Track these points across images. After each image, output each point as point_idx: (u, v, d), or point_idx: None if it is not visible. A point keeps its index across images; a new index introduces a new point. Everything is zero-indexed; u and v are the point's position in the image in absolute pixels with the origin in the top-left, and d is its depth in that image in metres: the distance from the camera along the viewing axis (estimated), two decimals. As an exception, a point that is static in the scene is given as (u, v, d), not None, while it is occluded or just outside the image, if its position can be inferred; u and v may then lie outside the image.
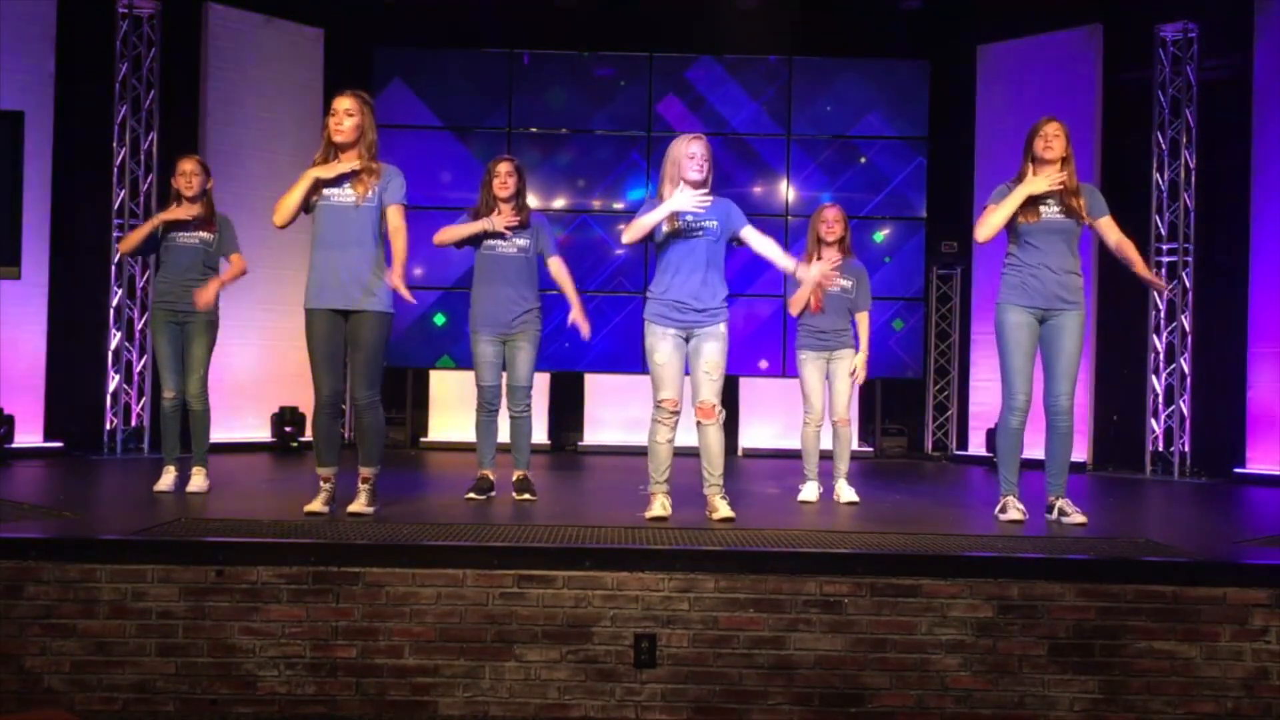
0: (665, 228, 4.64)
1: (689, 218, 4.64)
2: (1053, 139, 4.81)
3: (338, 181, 4.54)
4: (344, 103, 4.54)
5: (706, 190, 4.69)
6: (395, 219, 4.61)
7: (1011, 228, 4.85)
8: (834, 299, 5.65)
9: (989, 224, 4.82)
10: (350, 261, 4.52)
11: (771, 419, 9.33)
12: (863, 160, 9.59)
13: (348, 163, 4.52)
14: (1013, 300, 4.85)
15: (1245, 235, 7.98)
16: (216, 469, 5.84)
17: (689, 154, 4.62)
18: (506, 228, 5.28)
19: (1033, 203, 4.78)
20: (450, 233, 5.33)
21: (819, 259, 5.63)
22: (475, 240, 5.34)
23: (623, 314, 9.45)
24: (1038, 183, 4.76)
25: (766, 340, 9.50)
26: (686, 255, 4.65)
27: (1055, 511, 4.89)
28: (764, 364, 9.47)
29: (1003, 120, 8.75)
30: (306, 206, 4.57)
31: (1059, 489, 4.93)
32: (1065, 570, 3.79)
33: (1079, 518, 4.81)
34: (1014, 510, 4.87)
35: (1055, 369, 4.85)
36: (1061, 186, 4.76)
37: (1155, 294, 8.40)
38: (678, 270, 4.65)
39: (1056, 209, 4.80)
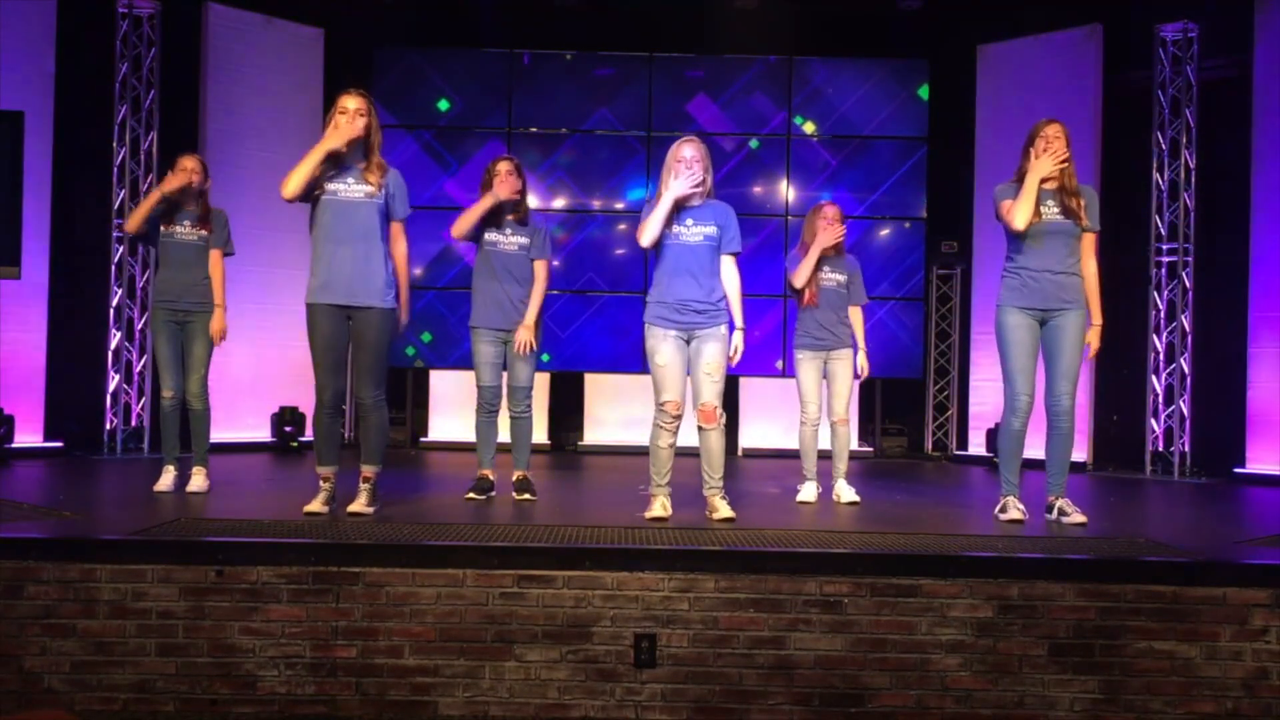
0: (669, 227, 4.66)
1: (689, 220, 4.66)
2: (1053, 140, 4.82)
3: (344, 174, 4.53)
4: (354, 101, 4.54)
5: (705, 191, 4.72)
6: (401, 239, 4.69)
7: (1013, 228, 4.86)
8: (830, 293, 5.67)
9: (1020, 213, 4.77)
10: (357, 256, 4.52)
11: (771, 419, 9.33)
12: (862, 160, 9.58)
13: (354, 131, 4.49)
14: (1013, 302, 4.86)
15: (1245, 235, 7.98)
16: (216, 469, 5.84)
17: (679, 158, 4.65)
18: (512, 194, 5.28)
19: (1035, 203, 4.79)
20: (463, 221, 5.32)
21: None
22: (480, 234, 5.35)
23: (623, 314, 9.45)
24: (1044, 164, 4.76)
25: (766, 339, 9.50)
26: (686, 258, 4.66)
27: (1055, 511, 4.90)
28: (780, 364, 9.47)
29: (1003, 120, 8.76)
30: (309, 196, 4.56)
31: (1059, 489, 4.93)
32: (1065, 570, 3.79)
33: (1079, 518, 4.82)
34: (1014, 510, 4.87)
35: (1056, 369, 4.86)
36: (1065, 163, 4.77)
37: (1155, 294, 8.40)
38: (677, 273, 4.66)
39: (1056, 210, 4.81)
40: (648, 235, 4.64)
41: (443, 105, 9.53)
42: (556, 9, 9.27)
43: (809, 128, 9.61)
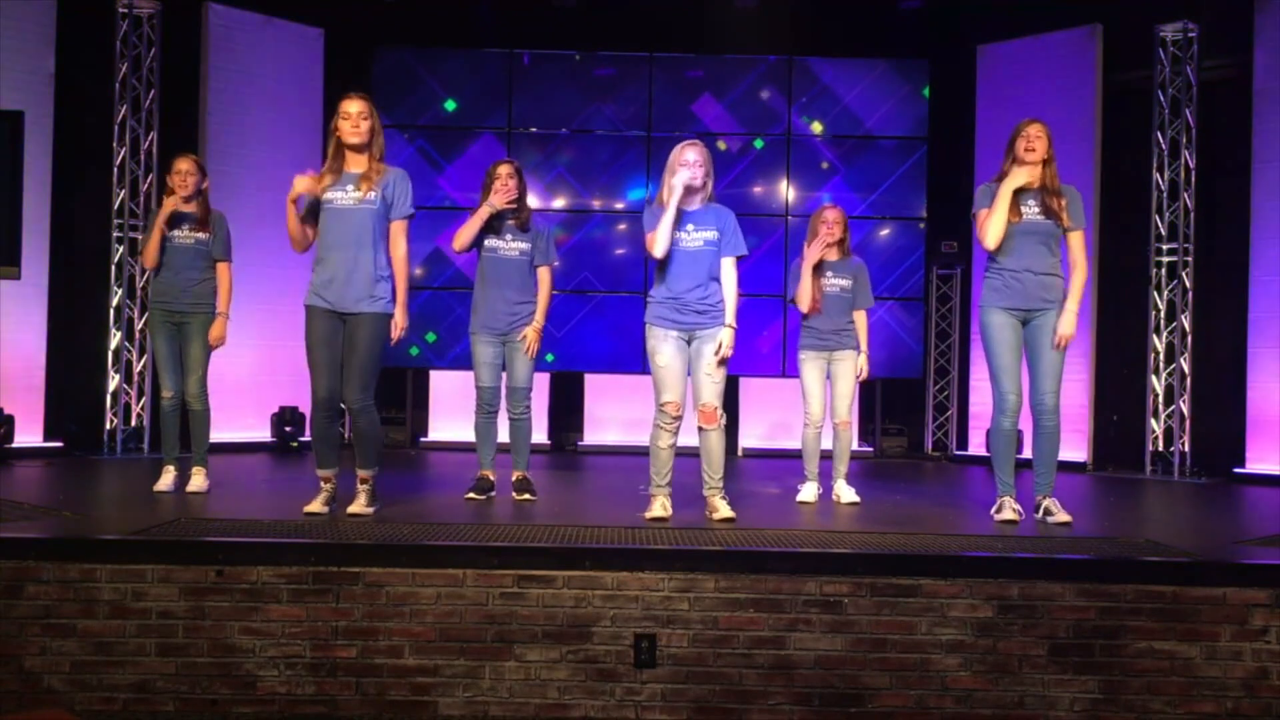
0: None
1: (690, 225, 4.66)
2: (1035, 140, 4.83)
3: (343, 181, 4.55)
4: (356, 105, 4.55)
5: (706, 195, 4.72)
6: (399, 239, 4.66)
7: None
8: (833, 299, 5.66)
9: (991, 231, 4.81)
10: (347, 262, 4.53)
11: (771, 419, 9.33)
12: (862, 160, 9.58)
13: (310, 182, 4.55)
14: (995, 303, 4.88)
15: (1245, 235, 7.98)
16: (216, 469, 5.84)
17: (683, 161, 4.64)
18: (507, 204, 5.27)
19: (1014, 203, 4.79)
20: (464, 234, 5.31)
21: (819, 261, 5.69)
22: (480, 240, 5.35)
23: (623, 314, 9.45)
24: (1018, 175, 4.78)
25: (767, 340, 9.50)
26: (687, 261, 4.67)
27: (1041, 511, 4.90)
28: (781, 365, 9.46)
29: (1003, 120, 8.70)
30: (312, 211, 4.59)
31: (1046, 488, 4.93)
32: (1065, 570, 3.80)
33: (1063, 517, 4.82)
34: (1009, 510, 4.87)
35: (1039, 369, 4.87)
36: (1040, 164, 4.79)
37: (1155, 294, 8.40)
38: (679, 274, 4.67)
39: (1037, 210, 4.82)
40: (660, 246, 4.62)
41: (449, 105, 9.53)
42: (556, 9, 9.27)
43: (816, 127, 9.60)
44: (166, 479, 5.46)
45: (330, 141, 4.61)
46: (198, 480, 5.44)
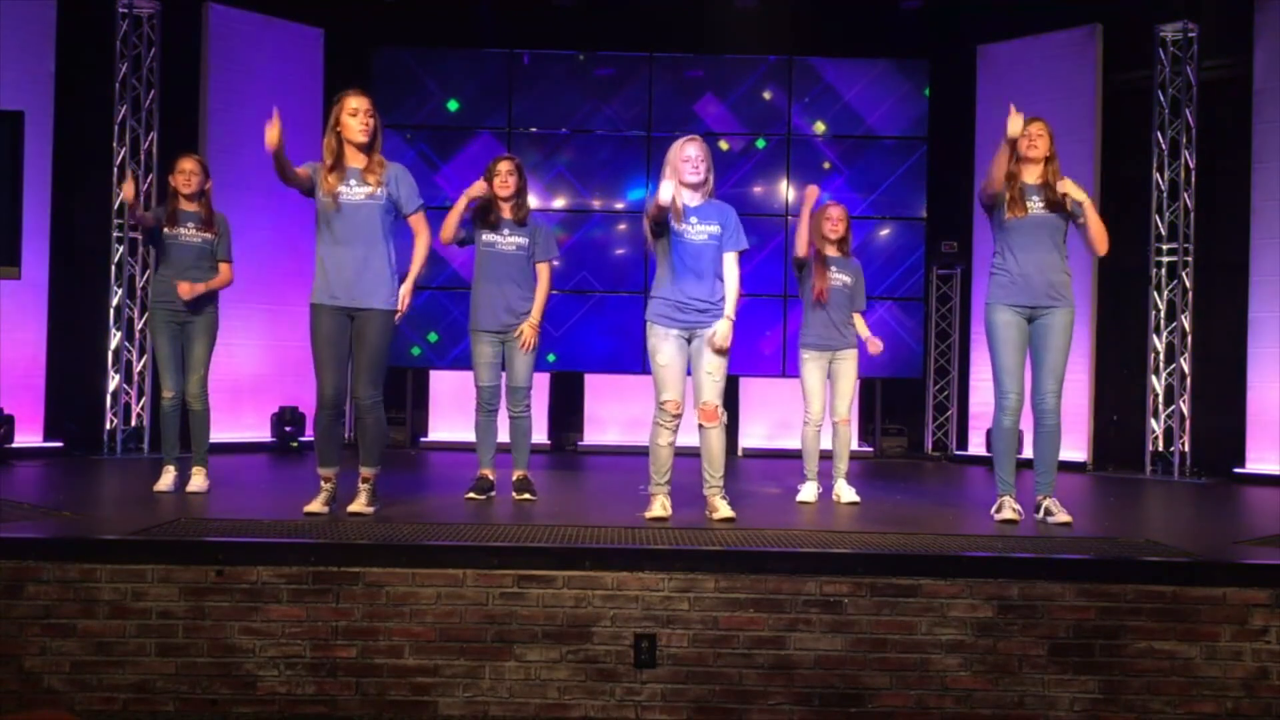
0: (675, 224, 4.64)
1: (693, 219, 4.66)
2: (1036, 138, 4.86)
3: (347, 178, 4.54)
4: (364, 102, 4.54)
5: (707, 191, 4.72)
6: (423, 230, 4.69)
7: (999, 225, 4.88)
8: (837, 292, 5.70)
9: (994, 174, 4.86)
10: (357, 259, 4.53)
11: (772, 419, 9.33)
12: (863, 160, 9.58)
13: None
14: (1001, 300, 4.88)
15: (1245, 235, 7.99)
16: (216, 469, 5.84)
17: (684, 157, 4.64)
18: (485, 193, 5.28)
19: (1019, 199, 4.80)
20: (447, 224, 5.30)
21: (822, 256, 5.70)
22: (478, 235, 5.35)
23: (623, 314, 9.45)
24: (1013, 124, 4.78)
25: (767, 340, 9.50)
26: (689, 258, 4.66)
27: (1042, 511, 4.90)
28: (782, 368, 9.46)
29: (1002, 120, 8.64)
30: (305, 189, 4.59)
31: (1046, 488, 4.93)
32: (1065, 570, 3.79)
33: (1064, 517, 4.82)
34: (1009, 510, 4.87)
35: (1043, 367, 4.87)
36: (1042, 154, 4.82)
37: (1155, 294, 8.39)
38: (680, 272, 4.66)
39: (1041, 205, 4.82)
40: (664, 193, 4.51)
41: (451, 105, 9.53)
42: (556, 9, 9.27)
43: (819, 127, 9.60)
44: (166, 479, 5.46)
45: (329, 136, 4.59)
46: (198, 480, 5.44)
